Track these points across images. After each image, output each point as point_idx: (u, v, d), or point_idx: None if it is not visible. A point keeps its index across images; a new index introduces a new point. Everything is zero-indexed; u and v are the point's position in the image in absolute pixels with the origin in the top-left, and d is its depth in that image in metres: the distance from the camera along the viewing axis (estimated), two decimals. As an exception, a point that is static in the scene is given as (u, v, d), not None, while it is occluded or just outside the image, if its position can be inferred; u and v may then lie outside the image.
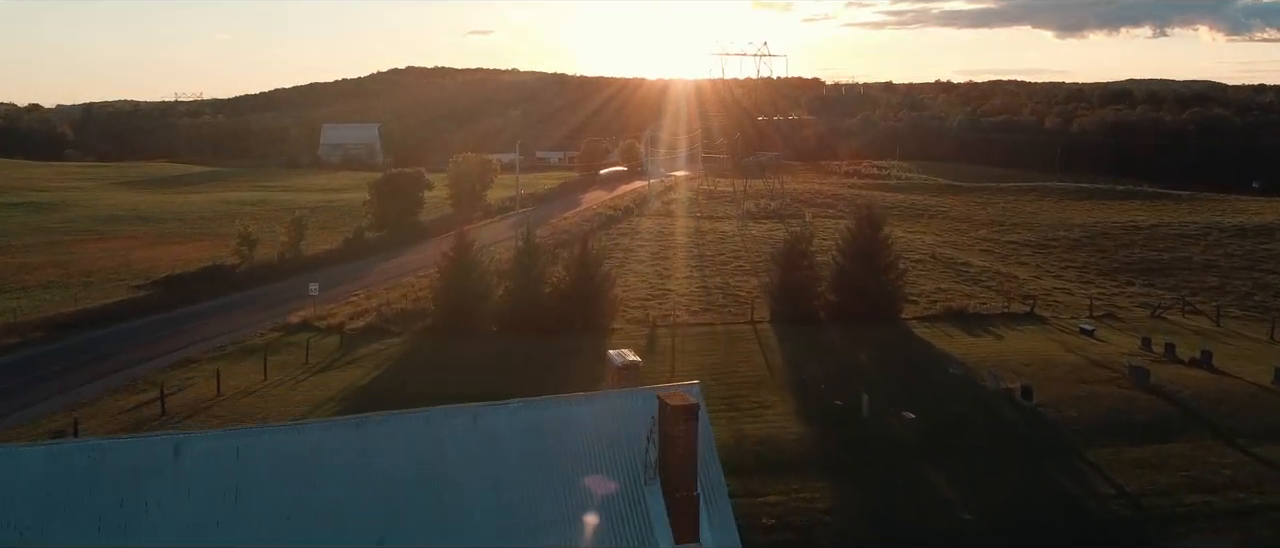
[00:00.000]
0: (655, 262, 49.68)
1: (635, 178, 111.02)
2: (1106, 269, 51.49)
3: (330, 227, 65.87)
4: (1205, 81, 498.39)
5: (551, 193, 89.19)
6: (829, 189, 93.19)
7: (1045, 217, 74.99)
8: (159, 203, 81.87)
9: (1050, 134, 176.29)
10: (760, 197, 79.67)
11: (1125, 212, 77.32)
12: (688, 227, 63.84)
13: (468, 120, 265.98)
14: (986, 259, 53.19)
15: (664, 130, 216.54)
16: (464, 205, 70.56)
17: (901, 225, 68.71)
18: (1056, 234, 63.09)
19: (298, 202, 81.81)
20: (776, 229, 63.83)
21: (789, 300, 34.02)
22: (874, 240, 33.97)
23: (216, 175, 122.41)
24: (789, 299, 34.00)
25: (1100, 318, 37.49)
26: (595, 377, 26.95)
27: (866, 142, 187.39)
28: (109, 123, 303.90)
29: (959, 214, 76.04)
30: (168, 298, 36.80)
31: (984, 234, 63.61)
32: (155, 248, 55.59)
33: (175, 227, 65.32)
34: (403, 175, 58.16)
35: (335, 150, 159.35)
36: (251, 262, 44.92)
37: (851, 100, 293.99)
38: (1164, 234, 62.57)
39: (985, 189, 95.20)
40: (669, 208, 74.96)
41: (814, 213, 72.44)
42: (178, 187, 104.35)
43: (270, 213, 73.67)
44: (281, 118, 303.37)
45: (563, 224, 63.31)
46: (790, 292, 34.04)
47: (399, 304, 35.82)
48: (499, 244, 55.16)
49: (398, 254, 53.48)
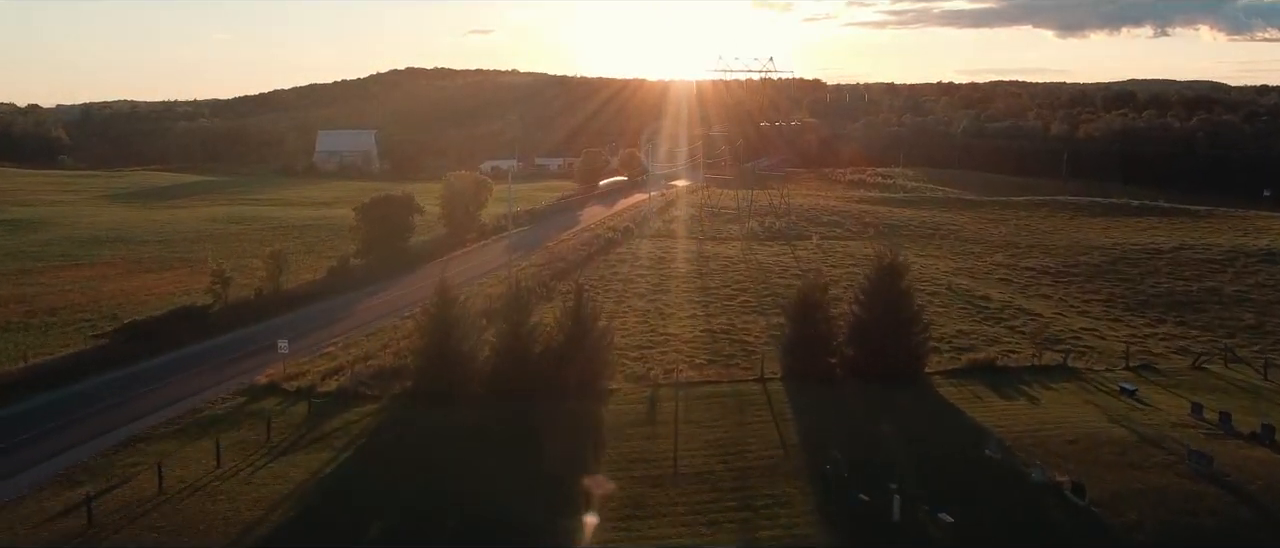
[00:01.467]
0: (655, 295, 46.87)
1: (635, 188, 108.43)
2: (1133, 303, 48.64)
3: (316, 250, 63.14)
4: (1207, 82, 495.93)
5: (549, 209, 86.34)
6: (835, 204, 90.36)
7: (1060, 237, 72.18)
8: (143, 221, 79.04)
9: (1056, 141, 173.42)
10: (764, 214, 76.85)
11: (1143, 231, 74.54)
12: (689, 251, 61.06)
13: (467, 122, 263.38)
14: (1005, 291, 50.36)
15: (664, 135, 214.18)
16: (457, 225, 67.81)
17: (913, 247, 65.97)
18: (1075, 259, 60.27)
19: (286, 220, 79.08)
20: (783, 253, 61.19)
21: (803, 356, 31.20)
22: (895, 291, 31.12)
23: (207, 186, 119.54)
24: (803, 355, 31.18)
25: (1137, 370, 34.70)
26: (587, 458, 24.23)
27: (869, 147, 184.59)
28: (106, 125, 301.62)
29: (971, 234, 73.22)
30: (130, 348, 33.98)
31: (999, 259, 60.76)
32: (129, 279, 52.78)
33: (155, 251, 62.48)
34: (391, 199, 55.31)
35: (331, 158, 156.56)
36: (226, 299, 42.08)
37: (854, 103, 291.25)
38: (1188, 259, 59.78)
39: (996, 203, 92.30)
40: (670, 227, 72.20)
41: (821, 233, 69.73)
42: (166, 200, 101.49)
43: (255, 234, 70.91)
44: (279, 121, 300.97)
45: (559, 249, 60.54)
46: (804, 347, 31.21)
47: (378, 358, 33.00)
48: (490, 276, 52.44)
49: (384, 286, 50.67)
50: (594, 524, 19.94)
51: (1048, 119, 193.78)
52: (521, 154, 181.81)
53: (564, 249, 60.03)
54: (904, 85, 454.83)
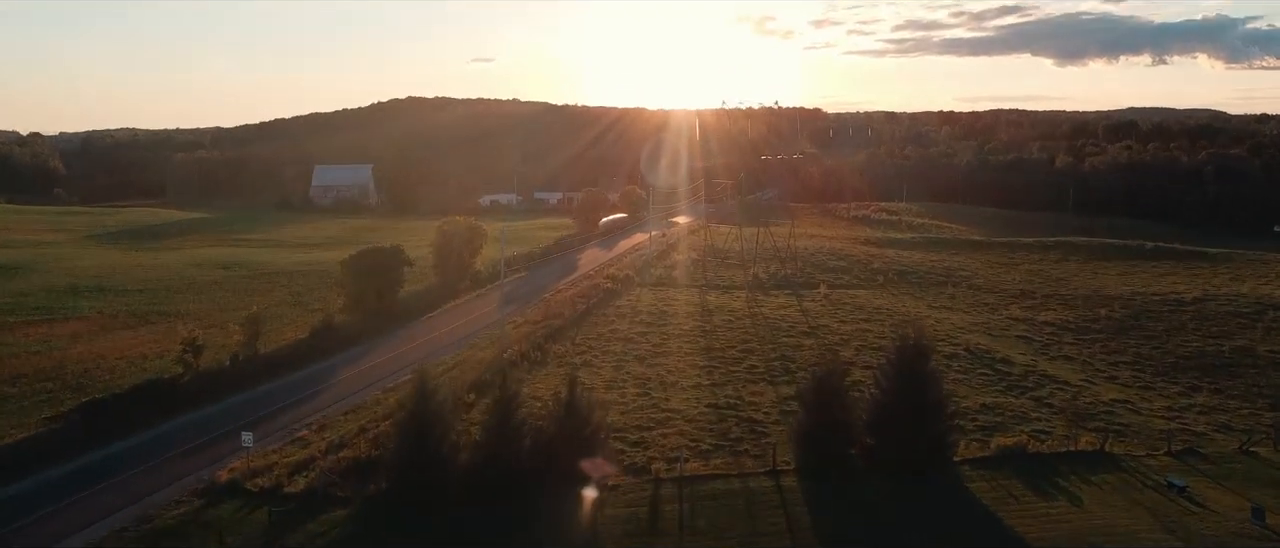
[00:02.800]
0: (655, 358, 44.12)
1: (635, 224, 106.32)
2: (1163, 366, 45.93)
3: (303, 301, 60.58)
4: (1207, 110, 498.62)
5: (547, 252, 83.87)
6: (840, 245, 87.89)
7: (1076, 284, 69.61)
8: (127, 265, 76.57)
9: (1061, 174, 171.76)
10: (769, 259, 74.35)
11: (1161, 278, 72.01)
12: (691, 303, 58.42)
13: (468, 151, 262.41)
14: (1026, 352, 47.65)
15: (665, 164, 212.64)
16: (449, 274, 65.32)
17: (925, 297, 63.51)
18: (1094, 313, 57.63)
19: (275, 265, 76.59)
20: (790, 305, 58.48)
21: (819, 446, 28.45)
22: (919, 373, 28.44)
23: (199, 225, 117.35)
24: (819, 445, 28.43)
25: (1181, 455, 31.93)
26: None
27: (872, 179, 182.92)
28: (106, 155, 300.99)
29: (984, 280, 70.65)
30: (85, 434, 31.23)
31: (1016, 313, 58.11)
32: (103, 337, 50.12)
33: (135, 304, 59.87)
34: (379, 252, 52.81)
35: (327, 192, 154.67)
36: (197, 367, 39.39)
37: (856, 134, 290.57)
38: (1214, 313, 57.20)
39: (1005, 245, 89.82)
40: (670, 274, 69.58)
41: (828, 281, 67.16)
42: (155, 240, 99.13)
43: (241, 282, 68.42)
44: (280, 150, 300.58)
45: (555, 301, 57.91)
46: (821, 435, 28.47)
47: (353, 445, 30.23)
48: (481, 336, 49.76)
49: (371, 347, 48.00)
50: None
51: (1052, 151, 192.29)
52: (520, 188, 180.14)
53: (560, 302, 57.41)
54: (905, 114, 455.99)
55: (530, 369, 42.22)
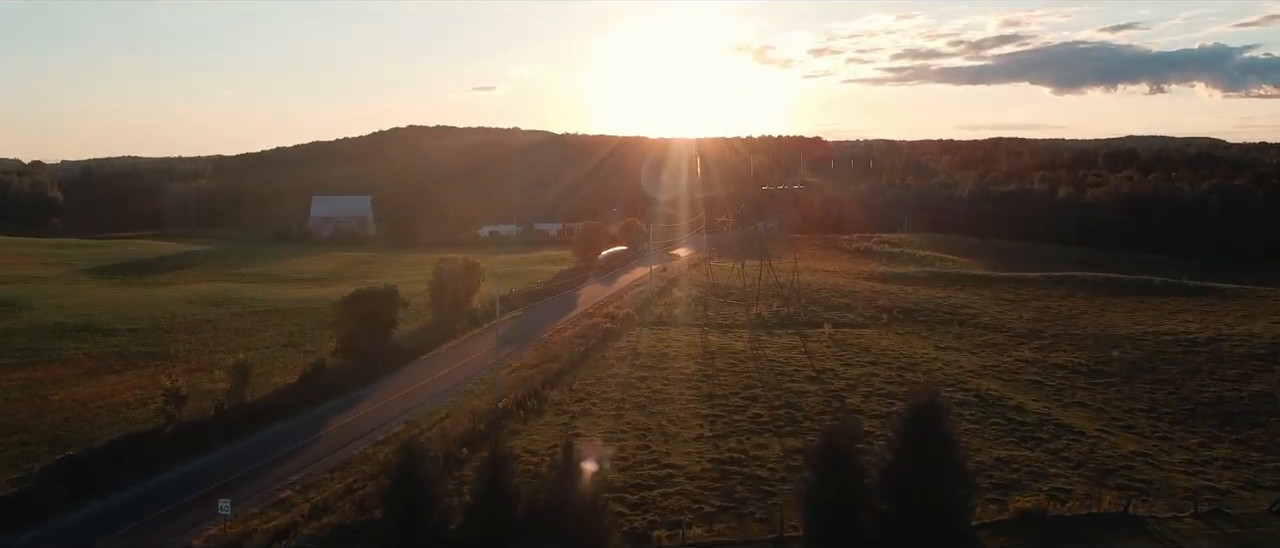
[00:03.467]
0: (656, 406, 42.64)
1: (636, 257, 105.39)
2: (1180, 413, 44.43)
3: (295, 342, 59.25)
4: (1207, 138, 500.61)
5: (546, 288, 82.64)
6: (843, 280, 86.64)
7: (1085, 321, 68.27)
8: (119, 302, 75.36)
9: (1063, 205, 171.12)
10: (771, 296, 73.08)
11: (1171, 316, 70.63)
12: (692, 344, 57.03)
13: (468, 180, 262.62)
14: (1039, 399, 46.17)
15: (665, 193, 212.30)
16: (446, 313, 64.02)
17: (932, 337, 62.13)
18: (1106, 354, 56.21)
19: (269, 302, 75.35)
20: (794, 347, 57.05)
21: (828, 513, 26.92)
22: (935, 435, 27.00)
23: (195, 258, 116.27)
24: (828, 511, 26.90)
25: (1208, 517, 30.37)
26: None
27: (873, 210, 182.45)
28: (106, 184, 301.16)
29: (991, 318, 69.28)
30: (56, 495, 29.71)
31: (1026, 355, 56.67)
32: (87, 383, 48.76)
33: (124, 344, 58.56)
34: (373, 293, 51.55)
35: (325, 224, 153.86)
36: (180, 419, 37.95)
37: (856, 164, 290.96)
38: (1228, 354, 55.79)
39: (1011, 280, 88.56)
40: (671, 312, 68.23)
41: (832, 319, 65.84)
42: (149, 275, 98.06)
43: (234, 321, 67.16)
44: (280, 180, 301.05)
45: (553, 343, 56.56)
46: (830, 500, 26.95)
47: (338, 508, 28.72)
48: (475, 381, 48.31)
49: (364, 393, 46.53)
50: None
51: (1053, 181, 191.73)
52: (520, 219, 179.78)
53: (558, 343, 56.05)
54: (905, 143, 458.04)
55: (526, 419, 40.78)
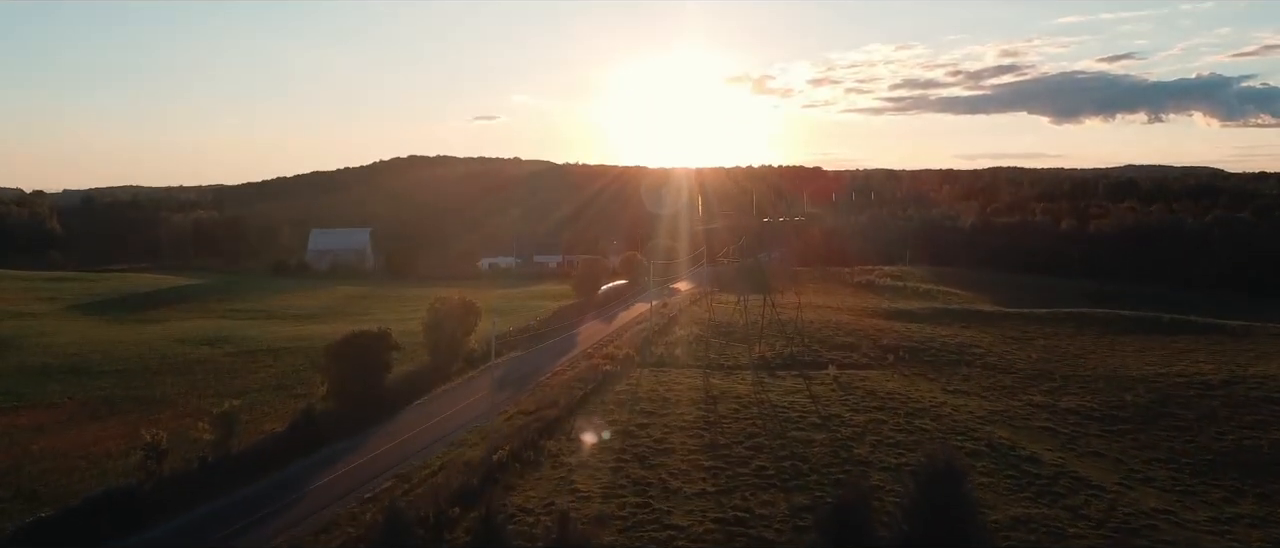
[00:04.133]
0: (657, 458, 41.12)
1: (636, 290, 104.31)
2: (1200, 463, 42.89)
3: (286, 385, 57.83)
4: (1206, 168, 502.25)
5: (545, 325, 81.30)
6: (846, 317, 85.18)
7: (1094, 363, 66.76)
8: (109, 341, 74.01)
9: (1066, 237, 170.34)
10: (773, 334, 71.73)
11: (1182, 355, 69.13)
12: (694, 388, 55.52)
13: (468, 211, 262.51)
14: (1053, 447, 44.65)
15: (666, 224, 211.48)
16: (442, 354, 62.63)
17: (939, 378, 60.69)
18: (1119, 398, 54.70)
19: (262, 341, 73.97)
20: (798, 390, 55.58)
21: (839, 585, 25.39)
22: (954, 503, 25.55)
23: (190, 292, 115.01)
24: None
25: (1240, 584, 28.82)
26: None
27: (875, 242, 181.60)
28: (106, 214, 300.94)
29: (998, 358, 67.82)
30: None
31: (1037, 399, 55.17)
32: (69, 430, 47.29)
33: (111, 387, 57.12)
34: (365, 337, 50.21)
35: (323, 257, 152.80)
36: (160, 474, 36.45)
37: (857, 195, 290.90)
38: (1244, 399, 54.22)
39: (1018, 317, 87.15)
40: (672, 352, 66.77)
41: (838, 359, 64.43)
42: (142, 310, 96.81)
43: (225, 362, 65.76)
44: (279, 210, 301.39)
45: (551, 387, 55.10)
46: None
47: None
48: (469, 429, 46.80)
49: (352, 445, 44.97)
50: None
51: (1056, 213, 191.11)
52: (520, 251, 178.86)
53: (556, 387, 54.59)
54: (905, 172, 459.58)
55: (522, 472, 39.28)
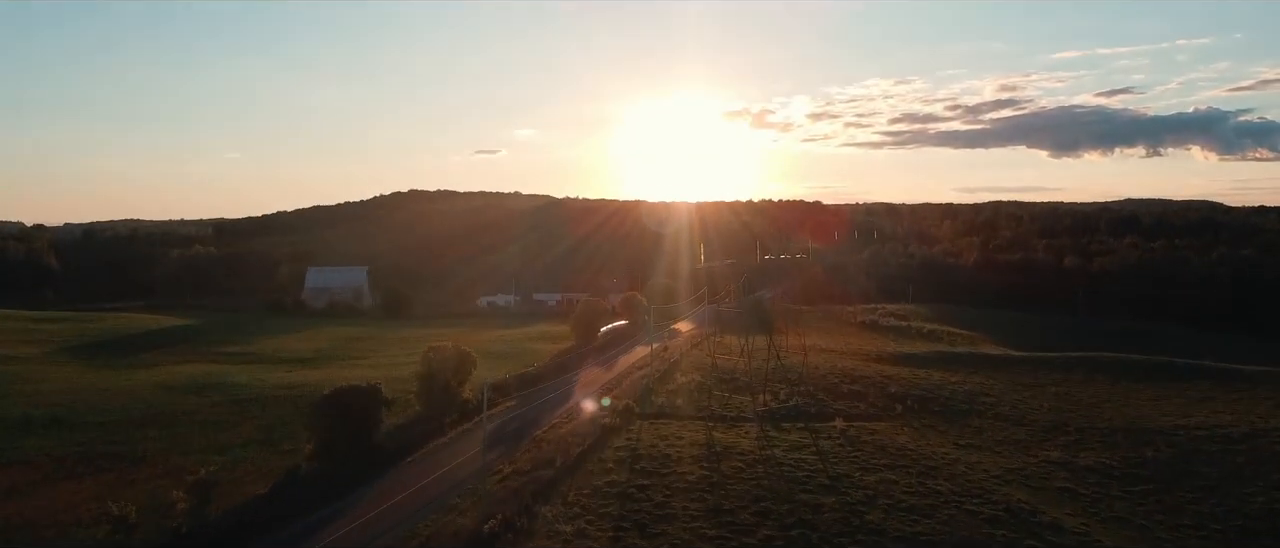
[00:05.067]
0: (658, 524, 39.05)
1: (636, 329, 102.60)
2: (1232, 532, 40.77)
3: (272, 440, 55.66)
4: (1205, 201, 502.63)
5: (542, 371, 79.30)
6: (853, 364, 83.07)
7: (1110, 412, 64.72)
8: (94, 388, 72.01)
9: (1070, 275, 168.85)
10: (778, 383, 69.76)
11: (1200, 406, 67.06)
12: (697, 443, 53.39)
13: (469, 245, 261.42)
14: (1074, 511, 42.54)
15: (665, 261, 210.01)
16: (435, 406, 60.60)
17: (950, 432, 58.67)
18: (1139, 454, 52.68)
19: (251, 389, 71.91)
20: (805, 445, 53.44)
21: None
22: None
23: (182, 334, 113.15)
24: None
25: None
26: None
27: (877, 279, 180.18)
28: (105, 249, 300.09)
29: (1010, 409, 65.77)
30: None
31: (1053, 455, 53.07)
32: (43, 490, 45.21)
33: (91, 441, 54.97)
34: (354, 392, 48.28)
35: (320, 295, 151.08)
36: (131, 547, 34.36)
37: (860, 232, 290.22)
38: (1270, 453, 52.17)
39: (1027, 362, 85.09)
40: (673, 402, 64.69)
41: (845, 410, 62.38)
42: (133, 353, 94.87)
43: (211, 412, 63.71)
44: (279, 245, 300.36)
45: (547, 442, 52.96)
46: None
47: None
48: (462, 491, 44.59)
49: (337, 511, 42.68)
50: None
51: (1059, 250, 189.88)
52: (519, 289, 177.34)
53: (553, 443, 52.48)
54: (905, 207, 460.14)
55: (515, 541, 37.18)
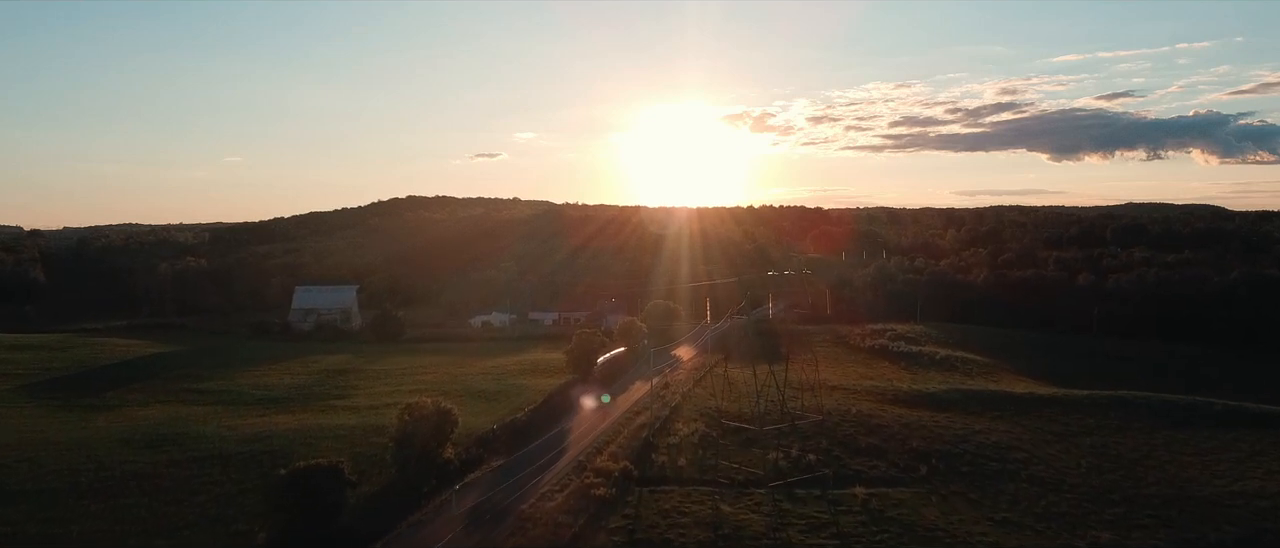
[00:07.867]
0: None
1: (635, 362, 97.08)
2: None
3: (226, 516, 49.75)
4: (1205, 205, 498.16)
5: (532, 416, 73.54)
6: (868, 408, 76.83)
7: (1155, 473, 59.01)
8: (45, 440, 66.24)
9: (1085, 294, 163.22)
10: (789, 436, 64.14)
11: (1254, 462, 61.49)
12: (701, 521, 47.77)
13: (465, 253, 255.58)
14: (1140, 624, 36.74)
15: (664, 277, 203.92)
16: (412, 471, 54.83)
17: (984, 506, 53.02)
18: (1202, 533, 46.94)
19: (215, 440, 65.96)
20: (824, 523, 47.81)
21: None
22: None
23: (155, 365, 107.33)
24: None
25: None
26: None
27: (884, 296, 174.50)
28: (95, 260, 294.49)
29: (1044, 468, 59.92)
30: None
31: (1104, 537, 47.25)
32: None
33: (23, 518, 49.21)
34: (314, 472, 42.53)
35: (307, 316, 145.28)
36: None
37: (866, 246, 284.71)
38: (1345, 535, 46.50)
39: (1056, 404, 79.09)
40: (675, 462, 58.98)
41: (863, 471, 56.74)
42: (98, 392, 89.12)
43: (168, 472, 57.84)
44: (274, 253, 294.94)
45: (534, 521, 47.18)
46: None
47: None
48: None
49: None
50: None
51: (1070, 264, 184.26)
52: (514, 300, 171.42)
53: (540, 523, 46.72)
54: (907, 212, 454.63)
55: None
